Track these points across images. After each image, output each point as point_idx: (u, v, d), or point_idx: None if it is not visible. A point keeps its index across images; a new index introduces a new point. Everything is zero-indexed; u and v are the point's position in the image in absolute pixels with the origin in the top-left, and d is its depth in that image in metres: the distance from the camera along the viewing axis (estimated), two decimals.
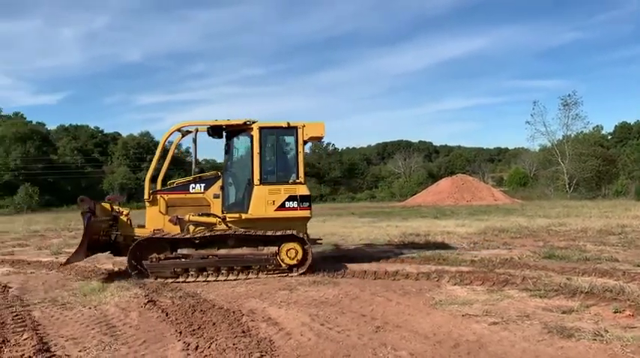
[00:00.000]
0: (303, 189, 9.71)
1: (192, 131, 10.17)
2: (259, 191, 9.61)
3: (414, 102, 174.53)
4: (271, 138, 10.00)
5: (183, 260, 9.27)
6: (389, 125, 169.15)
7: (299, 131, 9.86)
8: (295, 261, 9.32)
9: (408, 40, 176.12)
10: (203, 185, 9.91)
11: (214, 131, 9.90)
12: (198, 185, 9.92)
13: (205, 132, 10.01)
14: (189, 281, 9.09)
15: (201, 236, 9.38)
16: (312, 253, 9.49)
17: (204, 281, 9.08)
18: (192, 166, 10.24)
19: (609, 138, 79.93)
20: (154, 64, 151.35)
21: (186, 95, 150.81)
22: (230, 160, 10.08)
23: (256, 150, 9.71)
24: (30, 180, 63.87)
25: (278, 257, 9.31)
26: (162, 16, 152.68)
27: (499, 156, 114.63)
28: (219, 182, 9.88)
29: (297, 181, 9.74)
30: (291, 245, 9.32)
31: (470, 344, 5.25)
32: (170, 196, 9.90)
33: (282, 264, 9.32)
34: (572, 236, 15.35)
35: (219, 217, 9.68)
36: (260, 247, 9.39)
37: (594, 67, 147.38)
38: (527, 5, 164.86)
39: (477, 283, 8.34)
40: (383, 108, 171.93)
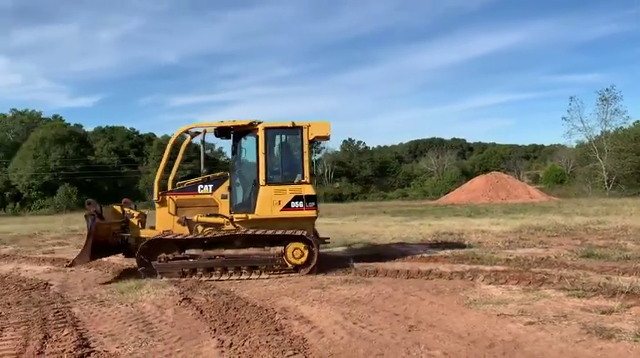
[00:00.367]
0: (308, 189, 9.71)
1: (200, 132, 10.30)
2: (265, 191, 9.67)
3: (446, 99, 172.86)
4: (277, 139, 10.07)
5: (191, 260, 9.42)
6: (421, 123, 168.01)
7: (304, 131, 9.85)
8: (301, 260, 9.34)
9: (439, 37, 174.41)
10: (211, 186, 10.02)
11: (221, 132, 9.95)
12: (206, 186, 10.04)
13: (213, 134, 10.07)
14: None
15: (205, 237, 9.50)
16: (317, 253, 9.49)
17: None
18: (201, 167, 10.34)
19: None
20: (187, 65, 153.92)
21: (219, 96, 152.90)
22: (237, 161, 10.18)
23: (262, 150, 9.76)
24: (69, 180, 65.75)
25: (284, 257, 9.35)
26: (194, 18, 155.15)
27: (534, 153, 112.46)
28: (226, 182, 9.96)
29: (303, 181, 9.75)
30: (297, 245, 9.36)
31: (505, 344, 5.16)
32: (179, 197, 10.05)
33: (288, 263, 9.36)
34: (612, 234, 14.94)
35: (226, 217, 9.78)
36: (266, 247, 9.45)
37: (633, 59, 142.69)
38: None
39: (513, 282, 8.20)
40: (415, 105, 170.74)
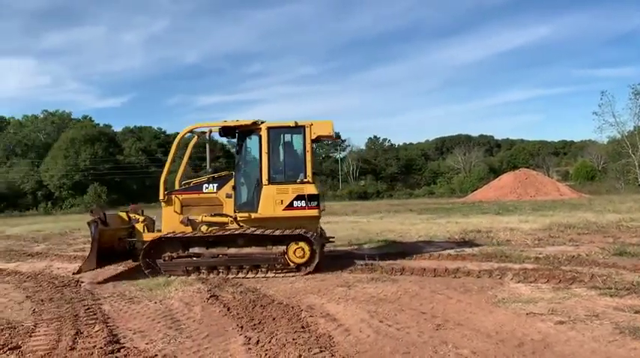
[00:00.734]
0: (311, 189, 9.72)
1: (206, 132, 10.39)
2: (268, 190, 9.71)
3: (473, 96, 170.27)
4: (279, 138, 10.10)
5: (194, 258, 9.54)
6: (447, 119, 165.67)
7: (307, 130, 9.87)
8: (303, 259, 9.36)
9: (465, 32, 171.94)
10: (216, 185, 10.11)
11: (225, 132, 10.02)
12: (211, 185, 10.13)
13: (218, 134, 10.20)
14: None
15: (207, 235, 9.60)
16: (319, 252, 9.50)
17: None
18: (207, 166, 10.41)
19: None
20: (212, 65, 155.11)
21: (244, 95, 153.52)
22: (241, 160, 10.22)
23: (265, 150, 9.81)
24: (98, 179, 67.04)
25: (286, 256, 9.38)
26: (218, 18, 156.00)
27: (564, 150, 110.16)
28: (231, 182, 10.02)
29: (305, 180, 9.76)
30: (299, 244, 9.37)
31: (535, 344, 5.08)
32: (184, 196, 10.17)
33: (290, 263, 9.38)
34: None
35: (230, 217, 9.84)
36: (269, 246, 9.52)
37: None
38: None
39: (542, 281, 8.06)
40: (441, 102, 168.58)
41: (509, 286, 7.86)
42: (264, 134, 9.86)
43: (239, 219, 9.80)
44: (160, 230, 10.22)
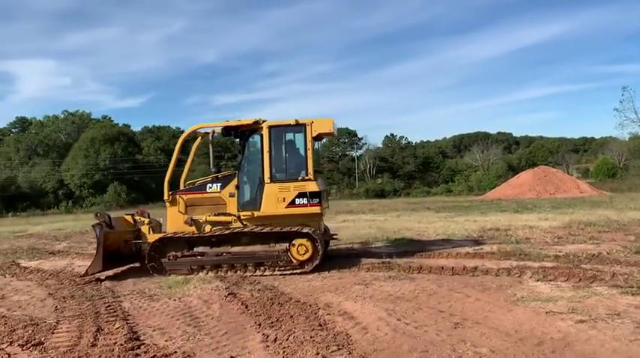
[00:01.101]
0: (312, 186, 9.75)
1: (209, 132, 10.43)
2: (270, 189, 9.78)
3: (491, 92, 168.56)
4: (280, 137, 10.13)
5: (198, 257, 9.62)
6: (465, 117, 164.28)
7: (307, 128, 9.92)
8: (306, 257, 9.41)
9: (483, 28, 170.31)
10: (219, 184, 10.18)
11: (228, 132, 10.06)
12: (214, 184, 10.21)
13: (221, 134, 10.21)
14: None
15: (212, 234, 9.69)
16: (323, 249, 9.56)
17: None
18: (210, 166, 10.49)
19: None
20: (229, 64, 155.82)
21: (261, 94, 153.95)
22: (243, 159, 10.28)
23: (266, 148, 9.88)
24: (118, 179, 67.84)
25: (289, 253, 9.42)
26: (234, 17, 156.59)
27: (584, 147, 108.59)
28: (234, 181, 10.08)
29: (307, 178, 9.79)
30: (301, 241, 9.42)
31: (555, 343, 5.03)
32: (188, 196, 10.27)
33: (292, 260, 9.43)
34: None
35: (233, 215, 9.92)
36: (272, 244, 9.57)
37: None
38: None
39: (562, 279, 7.97)
40: (458, 99, 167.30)
41: (528, 284, 7.78)
42: (265, 133, 9.94)
43: (242, 217, 9.90)
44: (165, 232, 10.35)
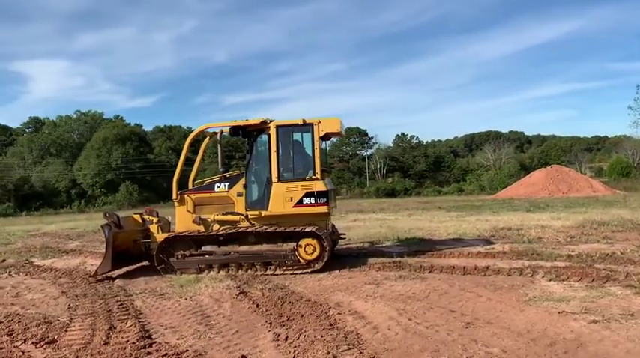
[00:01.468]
0: (319, 186, 9.75)
1: (217, 132, 10.44)
2: (277, 188, 9.79)
3: (503, 91, 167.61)
4: (288, 136, 10.13)
5: (206, 256, 9.67)
6: (476, 115, 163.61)
7: (315, 128, 9.92)
8: (313, 256, 9.43)
9: (495, 26, 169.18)
10: (227, 184, 10.20)
11: (236, 131, 10.08)
12: (222, 184, 10.24)
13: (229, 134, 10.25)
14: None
15: (218, 234, 9.72)
16: (330, 248, 9.57)
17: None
18: (218, 166, 10.51)
19: None
20: (240, 64, 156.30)
21: (272, 94, 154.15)
22: (251, 159, 10.27)
23: (273, 148, 9.89)
24: (130, 178, 68.35)
25: (296, 252, 9.44)
26: (245, 17, 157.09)
27: (597, 145, 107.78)
28: (242, 180, 10.10)
29: (314, 178, 9.79)
30: (308, 241, 9.45)
31: (567, 343, 4.99)
32: (197, 196, 10.30)
33: (300, 259, 9.45)
34: None
35: (241, 215, 9.95)
36: (279, 243, 9.59)
37: None
38: None
39: (575, 279, 7.91)
40: (470, 97, 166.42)
41: (540, 284, 7.73)
42: (272, 132, 9.95)
43: (250, 217, 9.93)
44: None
